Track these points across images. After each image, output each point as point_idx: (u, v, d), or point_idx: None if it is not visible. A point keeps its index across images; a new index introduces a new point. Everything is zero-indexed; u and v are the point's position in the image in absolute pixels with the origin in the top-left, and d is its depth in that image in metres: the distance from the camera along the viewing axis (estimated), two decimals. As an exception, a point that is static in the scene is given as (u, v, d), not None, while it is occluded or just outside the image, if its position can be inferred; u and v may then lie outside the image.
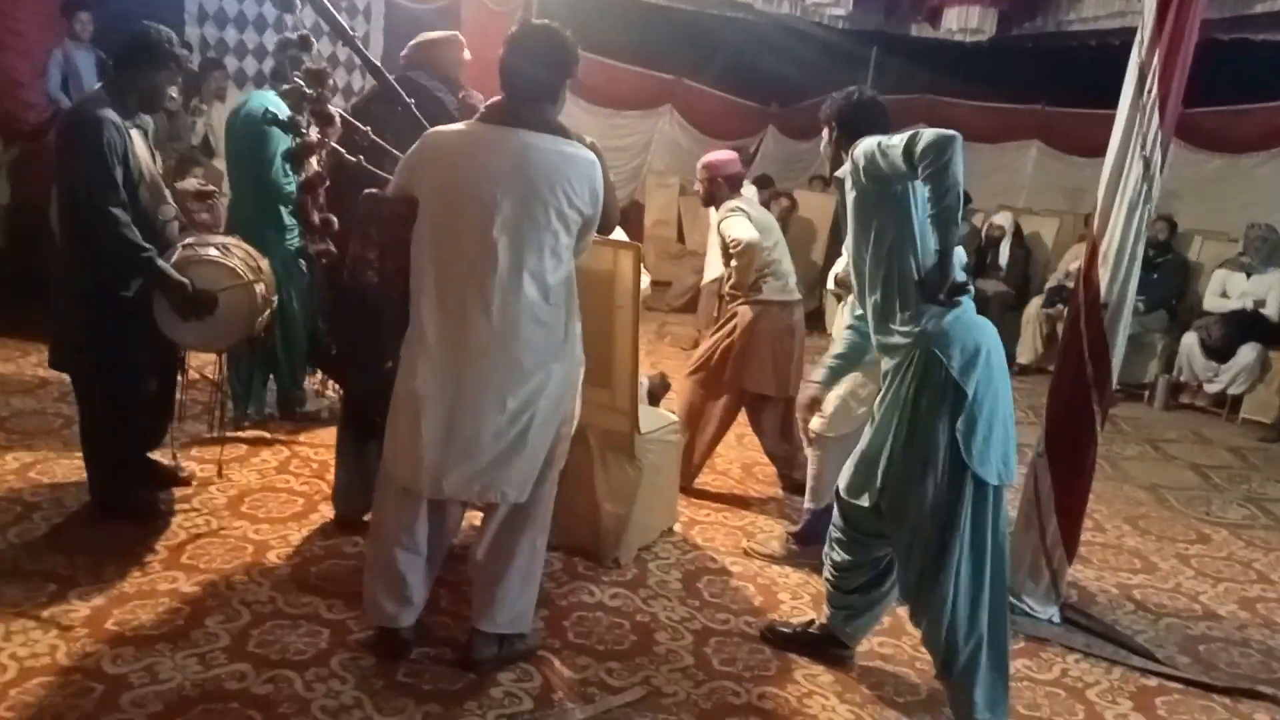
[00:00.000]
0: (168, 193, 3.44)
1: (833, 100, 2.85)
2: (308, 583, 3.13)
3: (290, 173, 3.98)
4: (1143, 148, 3.00)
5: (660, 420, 3.62)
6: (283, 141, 4.19)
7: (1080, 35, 7.82)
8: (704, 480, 4.40)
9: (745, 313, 3.96)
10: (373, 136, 3.00)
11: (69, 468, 3.74)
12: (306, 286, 4.27)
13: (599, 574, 3.41)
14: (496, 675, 2.73)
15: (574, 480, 3.48)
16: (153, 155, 3.39)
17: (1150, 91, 2.98)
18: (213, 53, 7.23)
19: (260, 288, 3.33)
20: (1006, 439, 2.58)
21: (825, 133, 2.89)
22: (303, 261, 4.07)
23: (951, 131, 2.38)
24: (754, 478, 4.55)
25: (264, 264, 3.48)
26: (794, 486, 4.21)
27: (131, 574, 3.07)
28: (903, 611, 2.93)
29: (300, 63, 3.94)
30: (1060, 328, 7.20)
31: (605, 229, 3.75)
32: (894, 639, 3.17)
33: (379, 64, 3.21)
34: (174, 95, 6.25)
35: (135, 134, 3.22)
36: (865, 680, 2.93)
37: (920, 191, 2.48)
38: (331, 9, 3.03)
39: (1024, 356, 7.42)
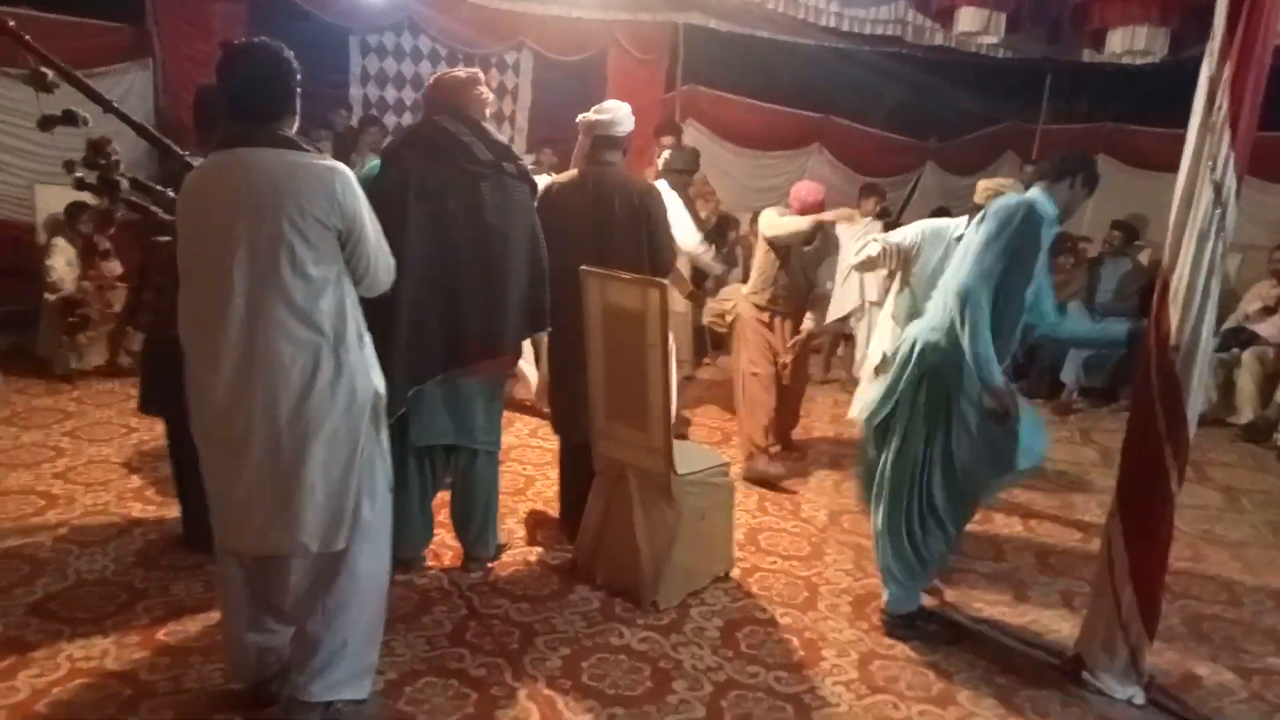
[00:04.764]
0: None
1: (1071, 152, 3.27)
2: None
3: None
4: (1212, 171, 2.67)
5: (704, 461, 3.53)
6: None
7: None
8: (780, 525, 4.26)
9: None
10: (169, 197, 3.06)
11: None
12: None
13: (635, 617, 3.35)
14: None
15: (614, 520, 3.47)
16: None
17: (1220, 108, 2.66)
18: (374, 110, 7.83)
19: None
20: None
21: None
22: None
23: (975, 299, 2.98)
24: (839, 526, 4.32)
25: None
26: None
27: (195, 590, 3.32)
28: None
29: None
30: (1236, 374, 6.49)
31: (660, 270, 3.75)
32: (939, 708, 2.93)
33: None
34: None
35: None
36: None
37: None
38: None
39: (1195, 406, 6.66)
